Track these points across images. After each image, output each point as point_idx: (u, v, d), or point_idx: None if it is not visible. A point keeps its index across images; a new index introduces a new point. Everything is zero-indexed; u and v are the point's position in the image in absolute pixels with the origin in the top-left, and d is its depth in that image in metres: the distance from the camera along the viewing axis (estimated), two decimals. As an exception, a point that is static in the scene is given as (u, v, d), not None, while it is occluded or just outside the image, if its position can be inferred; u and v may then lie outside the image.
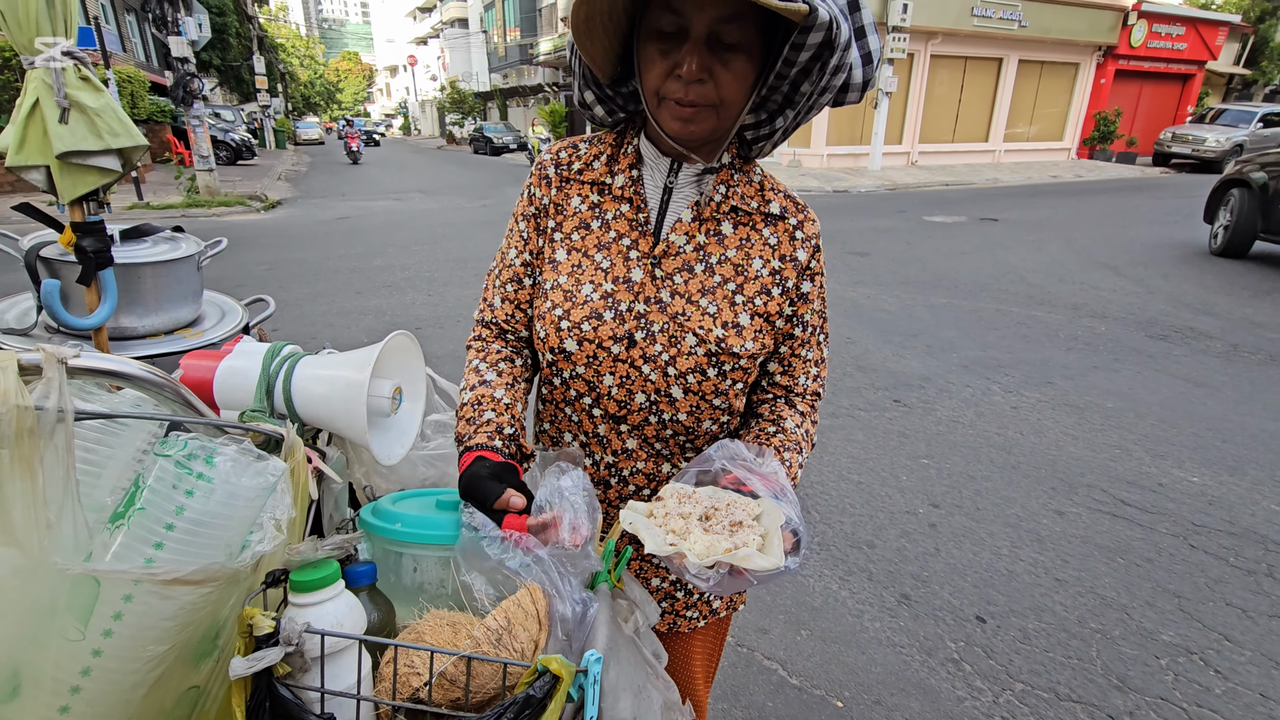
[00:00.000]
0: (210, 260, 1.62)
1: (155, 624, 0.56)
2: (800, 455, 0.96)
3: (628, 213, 0.95)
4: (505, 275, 0.99)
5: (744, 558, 0.70)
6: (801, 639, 2.10)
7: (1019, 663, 2.01)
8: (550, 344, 0.94)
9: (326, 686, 0.64)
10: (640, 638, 0.87)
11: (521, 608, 0.69)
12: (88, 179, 1.19)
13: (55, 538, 0.53)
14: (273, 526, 0.68)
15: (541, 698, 0.60)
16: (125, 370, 0.61)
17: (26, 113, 1.12)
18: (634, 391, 0.94)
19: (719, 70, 0.82)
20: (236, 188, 13.32)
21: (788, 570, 0.72)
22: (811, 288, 0.98)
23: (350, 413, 0.80)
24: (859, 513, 2.77)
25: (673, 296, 0.93)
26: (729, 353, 0.93)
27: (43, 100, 1.13)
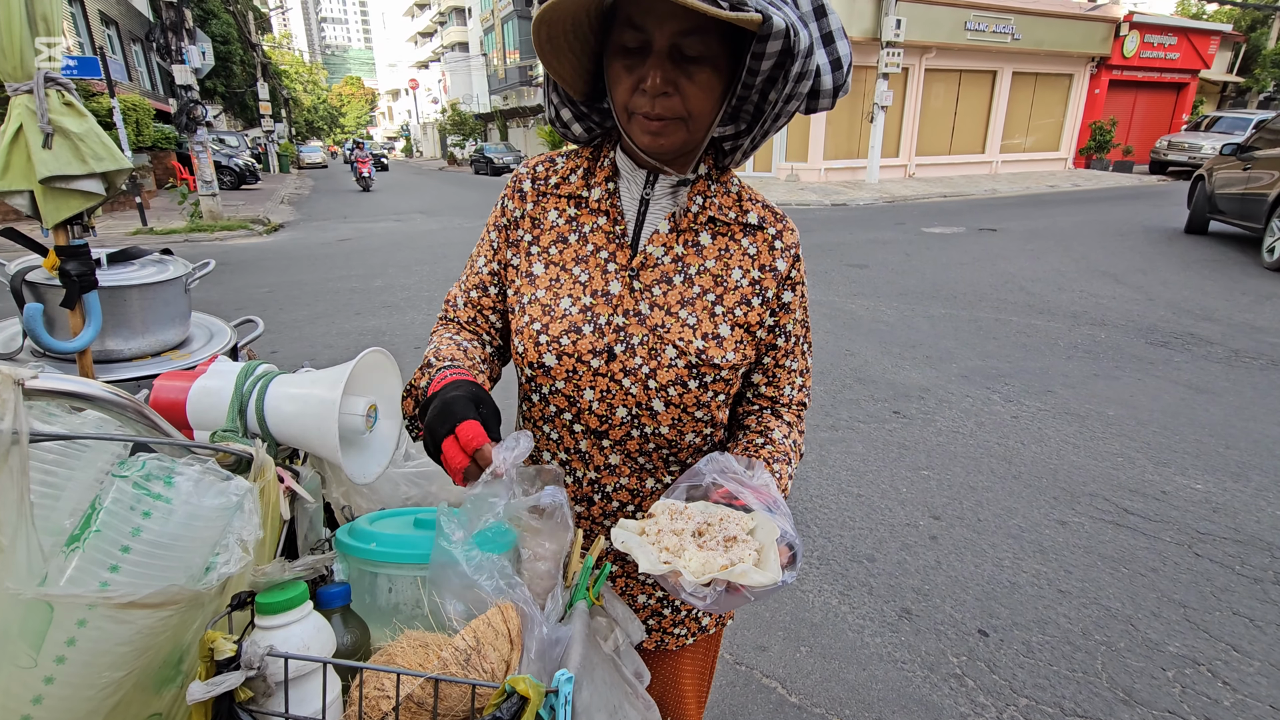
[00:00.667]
0: (206, 283, 1.63)
1: (111, 649, 0.55)
2: (789, 466, 0.94)
3: (605, 225, 0.95)
4: (472, 281, 1.00)
5: (741, 574, 0.68)
6: (801, 656, 2.07)
7: (1023, 677, 1.97)
8: (529, 359, 0.93)
9: (292, 712, 0.62)
10: (620, 656, 0.85)
11: (492, 627, 0.67)
12: (71, 203, 1.20)
13: (7, 562, 0.52)
14: (239, 547, 0.66)
15: (509, 719, 0.59)
16: (84, 391, 0.60)
17: (10, 138, 1.13)
18: (615, 406, 0.93)
19: (684, 83, 0.82)
20: (239, 212, 13.44)
21: (785, 585, 0.71)
22: (793, 297, 0.97)
23: (322, 431, 0.79)
24: (859, 526, 2.74)
25: (651, 309, 0.92)
26: (709, 364, 0.92)
27: (26, 126, 1.13)
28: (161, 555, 0.58)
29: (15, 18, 1.08)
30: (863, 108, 19.10)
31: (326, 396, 0.79)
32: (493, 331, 1.01)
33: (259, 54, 29.34)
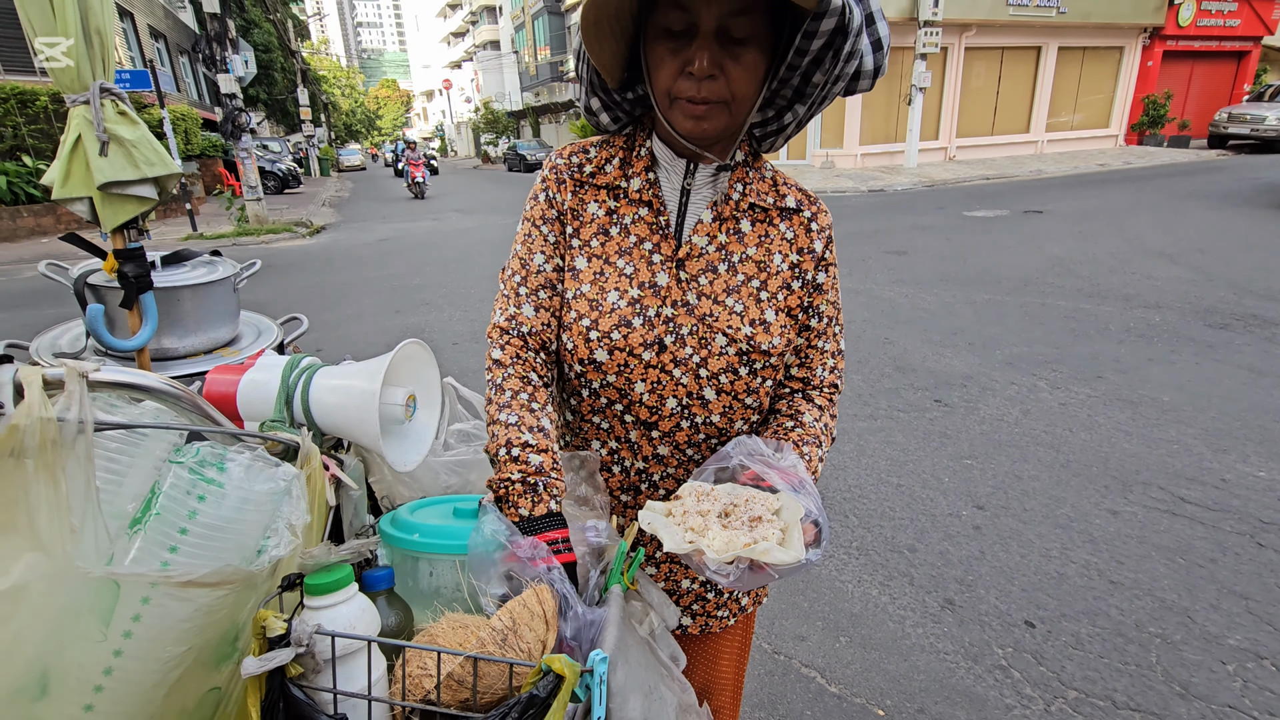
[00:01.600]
0: (253, 283, 1.69)
1: (173, 625, 0.58)
2: (820, 449, 0.93)
3: (647, 216, 0.95)
4: (535, 282, 0.93)
5: (763, 551, 0.69)
6: (840, 646, 2.06)
7: (1071, 669, 1.92)
8: (579, 355, 0.92)
9: (339, 687, 0.65)
10: (656, 640, 0.86)
11: (528, 608, 0.69)
12: (127, 207, 1.26)
13: (78, 543, 0.56)
14: (288, 531, 0.70)
15: (545, 697, 0.60)
16: (142, 383, 0.64)
17: (70, 148, 1.19)
18: (665, 397, 0.93)
19: (730, 65, 0.81)
20: (283, 215, 13.85)
21: (809, 563, 0.71)
22: (826, 278, 0.97)
23: (364, 420, 0.81)
24: (899, 516, 2.70)
25: (699, 298, 0.92)
26: (759, 350, 0.92)
27: (84, 135, 1.19)
28: (216, 537, 0.61)
29: (71, 29, 1.13)
30: (900, 90, 18.63)
31: (367, 387, 0.82)
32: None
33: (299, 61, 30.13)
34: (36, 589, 0.55)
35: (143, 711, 0.58)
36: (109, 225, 1.25)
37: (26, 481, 0.55)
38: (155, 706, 0.59)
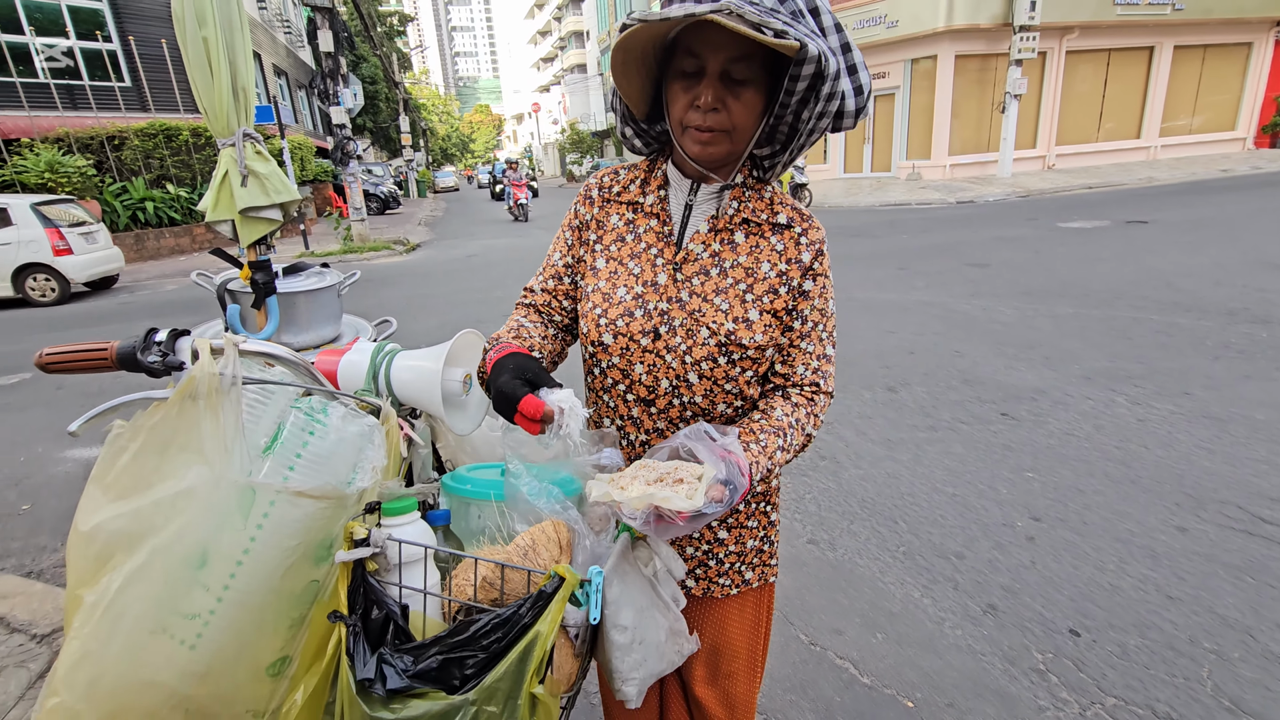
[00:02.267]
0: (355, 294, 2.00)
1: (288, 525, 0.81)
2: (782, 439, 1.05)
3: (656, 227, 1.14)
4: (549, 272, 1.21)
5: (663, 499, 0.83)
6: (876, 642, 2.13)
7: (1113, 677, 1.92)
8: (591, 338, 1.14)
9: (404, 584, 0.86)
10: (658, 580, 1.03)
11: (545, 533, 0.88)
12: (259, 227, 1.57)
13: (229, 461, 0.80)
14: (370, 469, 0.92)
15: (550, 593, 0.79)
16: (274, 352, 0.88)
17: (220, 181, 1.51)
18: (659, 378, 1.11)
19: (731, 101, 1.00)
20: (384, 234, 14.95)
21: (703, 514, 0.85)
22: (813, 286, 1.11)
23: (429, 392, 1.04)
24: (950, 524, 2.72)
25: (690, 296, 1.10)
26: (737, 344, 1.08)
27: (230, 171, 1.51)
28: (320, 464, 0.84)
29: (223, 90, 1.45)
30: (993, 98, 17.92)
31: (432, 367, 1.04)
32: (563, 313, 1.22)
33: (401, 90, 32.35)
34: (201, 491, 0.79)
35: (266, 585, 0.81)
36: (246, 241, 1.56)
37: (198, 416, 0.79)
38: (274, 583, 0.82)
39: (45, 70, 15.69)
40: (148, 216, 14.06)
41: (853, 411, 3.90)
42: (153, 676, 0.77)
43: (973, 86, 17.80)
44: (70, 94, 16.17)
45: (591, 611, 0.82)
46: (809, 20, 0.93)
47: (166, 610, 0.77)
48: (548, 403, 0.92)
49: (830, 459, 3.35)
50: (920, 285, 6.84)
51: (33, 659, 1.95)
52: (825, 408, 1.15)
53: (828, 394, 1.15)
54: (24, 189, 12.51)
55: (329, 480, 0.85)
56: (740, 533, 1.26)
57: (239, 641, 0.82)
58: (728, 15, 0.85)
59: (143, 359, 0.82)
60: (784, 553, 2.61)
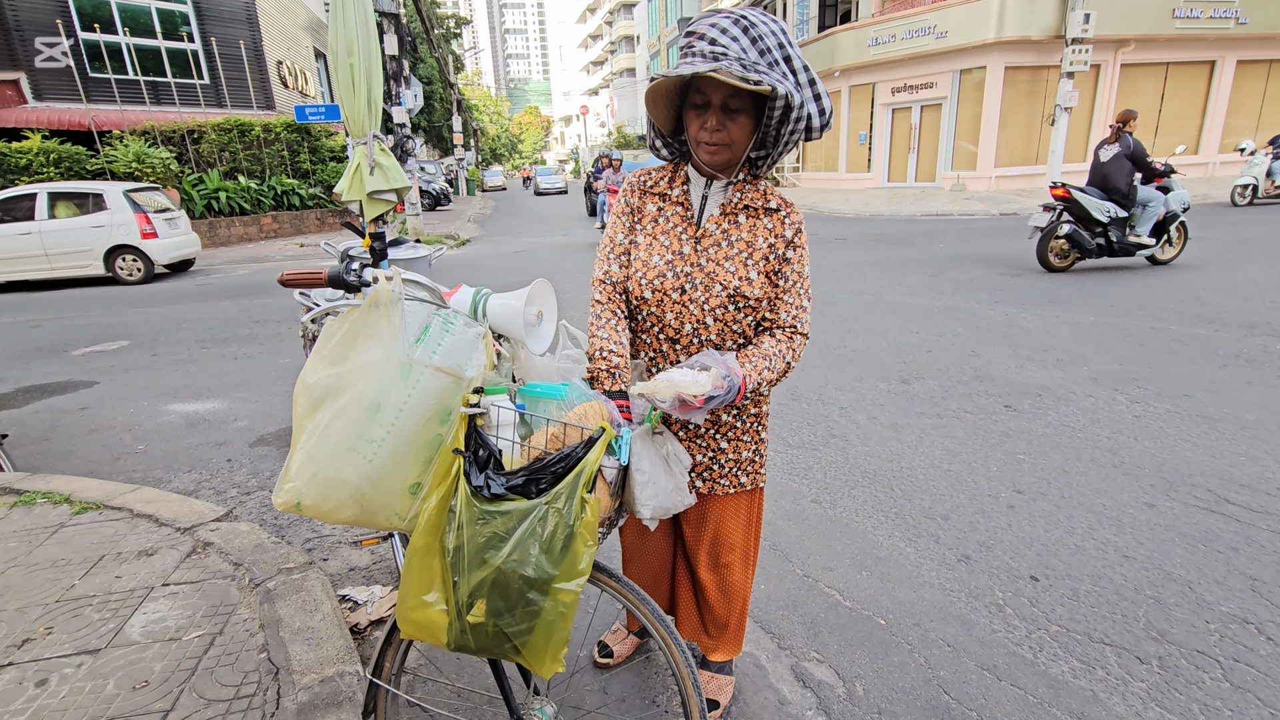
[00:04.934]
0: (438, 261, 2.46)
1: (431, 391, 1.26)
2: (768, 363, 1.46)
3: (680, 212, 1.57)
4: (617, 250, 1.61)
5: (683, 385, 1.25)
6: (862, 577, 2.49)
7: (1061, 612, 2.25)
8: (635, 294, 1.57)
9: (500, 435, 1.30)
10: (669, 461, 1.45)
11: (594, 408, 1.31)
12: (379, 206, 2.04)
13: (394, 345, 1.24)
14: (477, 364, 1.36)
15: (596, 439, 1.21)
16: (421, 280, 1.32)
17: (354, 170, 1.99)
18: (684, 322, 1.53)
19: (730, 124, 1.42)
20: (435, 229, 15.68)
21: (714, 398, 1.28)
22: (794, 255, 1.52)
23: (514, 320, 1.47)
24: (940, 492, 3.06)
25: (707, 261, 1.51)
26: (742, 296, 1.49)
27: (361, 162, 1.99)
28: (451, 353, 1.28)
29: (361, 103, 1.93)
30: (1043, 110, 17.79)
31: (515, 304, 1.48)
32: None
33: (455, 91, 33.47)
34: (378, 363, 1.24)
35: (413, 429, 1.25)
36: (370, 217, 2.04)
37: (379, 317, 1.24)
38: (418, 429, 1.26)
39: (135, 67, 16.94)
40: (220, 205, 15.09)
41: (866, 399, 4.23)
42: (345, 477, 1.22)
43: (1022, 98, 17.70)
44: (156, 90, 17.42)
45: (622, 454, 1.24)
46: (782, 66, 1.34)
47: (354, 436, 1.22)
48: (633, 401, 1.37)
49: (840, 437, 3.70)
50: (948, 291, 7.08)
51: (180, 544, 2.47)
52: (802, 346, 1.55)
53: (804, 335, 1.55)
54: (113, 177, 13.61)
55: (456, 365, 1.29)
56: (737, 444, 1.66)
57: (395, 464, 1.26)
58: (723, 72, 1.28)
59: (345, 278, 1.28)
60: (788, 509, 2.99)
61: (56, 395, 5.10)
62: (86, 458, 3.90)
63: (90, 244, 10.46)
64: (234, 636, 1.92)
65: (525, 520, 1.18)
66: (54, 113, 15.31)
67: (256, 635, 1.93)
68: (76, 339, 6.92)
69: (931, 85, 18.65)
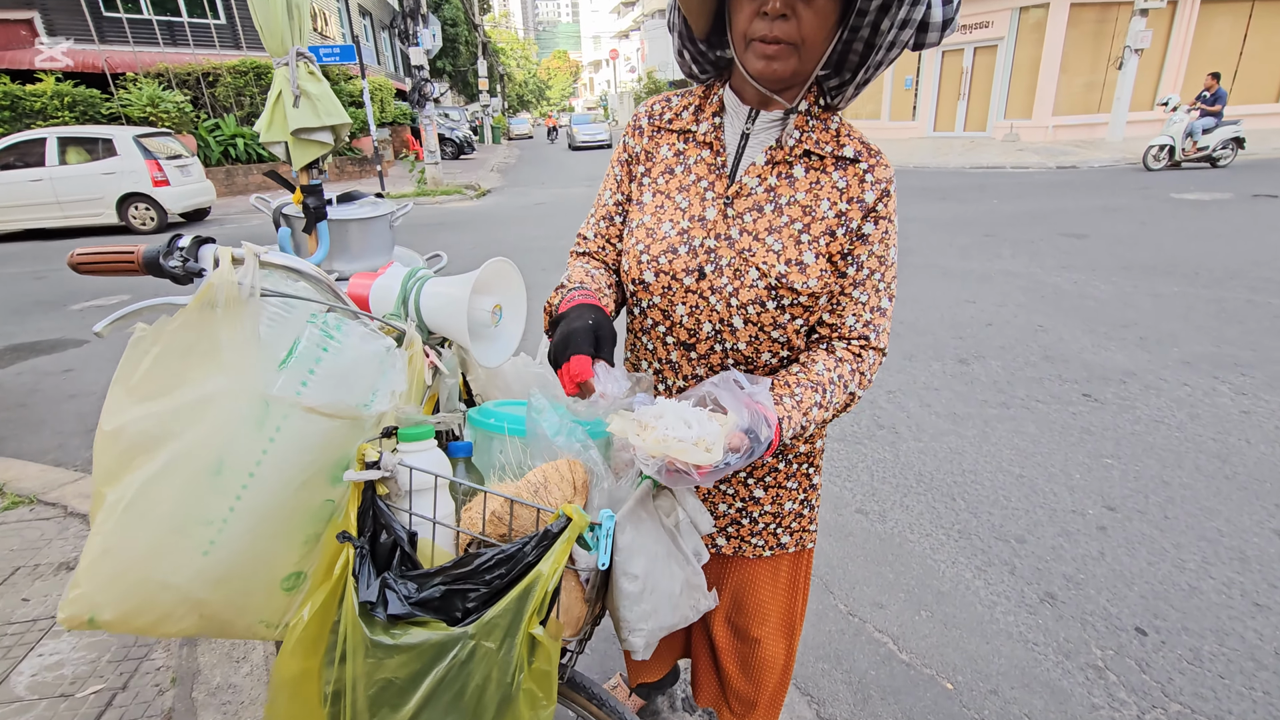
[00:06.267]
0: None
1: (301, 441, 0.80)
2: (820, 395, 0.97)
3: (707, 158, 1.05)
4: (599, 214, 1.14)
5: (678, 450, 0.78)
6: (920, 619, 2.04)
7: (1180, 683, 1.77)
8: (632, 275, 1.07)
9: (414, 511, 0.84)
10: (680, 532, 0.98)
11: (559, 471, 0.84)
12: (311, 150, 1.55)
13: (245, 371, 0.78)
14: (389, 393, 0.90)
15: (556, 533, 0.75)
16: (296, 265, 0.86)
17: (273, 102, 1.50)
18: (702, 321, 1.04)
19: (801, 8, 0.88)
20: (456, 178, 15.14)
21: (727, 465, 0.81)
22: (874, 230, 1.00)
23: (455, 319, 1.00)
24: (1013, 506, 2.56)
25: (741, 234, 1.01)
26: (789, 287, 0.99)
27: (284, 91, 1.49)
28: (335, 382, 0.81)
29: (278, 9, 1.42)
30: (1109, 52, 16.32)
31: (459, 294, 1.00)
32: (618, 257, 1.15)
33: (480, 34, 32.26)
34: (218, 399, 0.78)
35: (279, 498, 0.80)
36: (299, 164, 1.56)
37: (216, 325, 0.78)
38: (288, 497, 0.81)
39: (149, 4, 16.41)
40: (238, 153, 14.69)
41: (918, 382, 3.70)
42: (169, 577, 0.78)
43: (1087, 39, 16.21)
44: (170, 30, 16.89)
45: (600, 556, 0.78)
46: None
47: (184, 513, 0.77)
48: (596, 375, 0.86)
49: (889, 429, 3.20)
50: (1007, 254, 6.39)
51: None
52: (875, 366, 1.05)
53: (878, 350, 1.05)
54: (128, 121, 13.26)
55: (345, 399, 0.83)
56: (778, 493, 1.19)
57: (252, 551, 0.82)
58: None
59: (165, 264, 0.81)
60: (829, 520, 2.53)
61: (44, 355, 4.82)
62: (58, 429, 3.59)
63: (101, 191, 10.16)
64: (139, 694, 1.55)
65: (440, 661, 0.73)
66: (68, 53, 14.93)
67: (166, 693, 1.55)
68: (77, 293, 6.66)
69: (987, 25, 17.19)
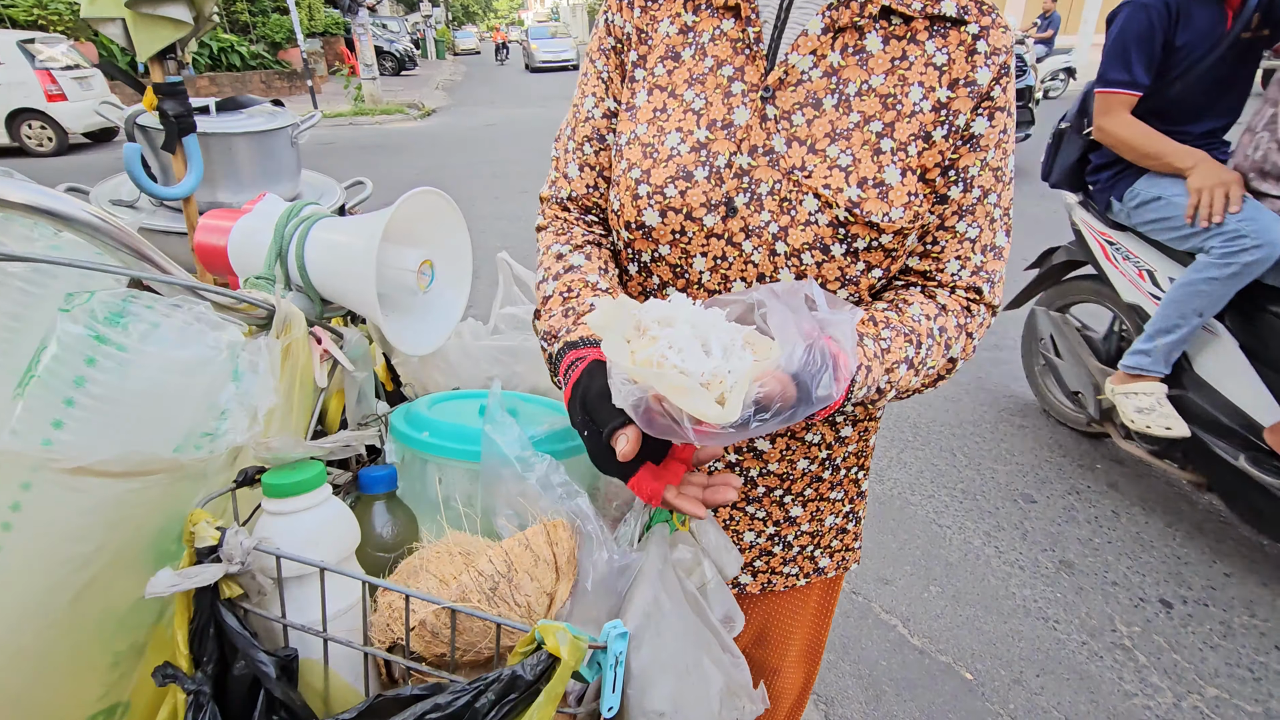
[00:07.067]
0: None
1: (67, 518, 0.45)
2: (914, 349, 0.66)
3: (732, 31, 0.69)
4: (582, 133, 0.76)
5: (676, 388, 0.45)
6: (930, 596, 1.84)
7: (1215, 663, 1.62)
8: (626, 217, 0.72)
9: (293, 617, 0.51)
10: (708, 597, 0.68)
11: (531, 550, 0.52)
12: (161, 33, 1.11)
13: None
14: (245, 415, 0.55)
15: (532, 680, 0.43)
16: (46, 206, 0.48)
17: (95, -43, 1.04)
18: (732, 278, 0.70)
19: None
20: (398, 96, 13.96)
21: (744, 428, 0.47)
22: (988, 129, 0.67)
23: (359, 283, 0.64)
24: (1019, 461, 2.37)
25: (790, 144, 0.67)
26: (865, 222, 0.66)
27: (110, -59, 1.04)
28: (118, 413, 0.46)
29: None
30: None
31: (362, 244, 0.64)
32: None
33: (419, -66, 29.43)
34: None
35: (39, 616, 0.46)
36: (144, 53, 1.12)
37: None
38: (59, 613, 0.47)
39: (26, -113, 14.21)
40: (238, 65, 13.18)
41: (905, 321, 3.46)
42: None
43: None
44: (56, -83, 14.74)
45: (606, 698, 0.47)
46: None
47: None
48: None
49: (878, 375, 2.97)
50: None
51: None
52: (985, 328, 0.74)
53: (990, 307, 0.73)
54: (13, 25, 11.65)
55: (144, 440, 0.48)
56: (818, 506, 0.89)
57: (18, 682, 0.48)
58: None
59: None
60: (824, 481, 2.30)
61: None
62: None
63: (-15, 107, 8.93)
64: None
65: None
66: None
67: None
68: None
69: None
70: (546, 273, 0.74)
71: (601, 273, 0.72)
